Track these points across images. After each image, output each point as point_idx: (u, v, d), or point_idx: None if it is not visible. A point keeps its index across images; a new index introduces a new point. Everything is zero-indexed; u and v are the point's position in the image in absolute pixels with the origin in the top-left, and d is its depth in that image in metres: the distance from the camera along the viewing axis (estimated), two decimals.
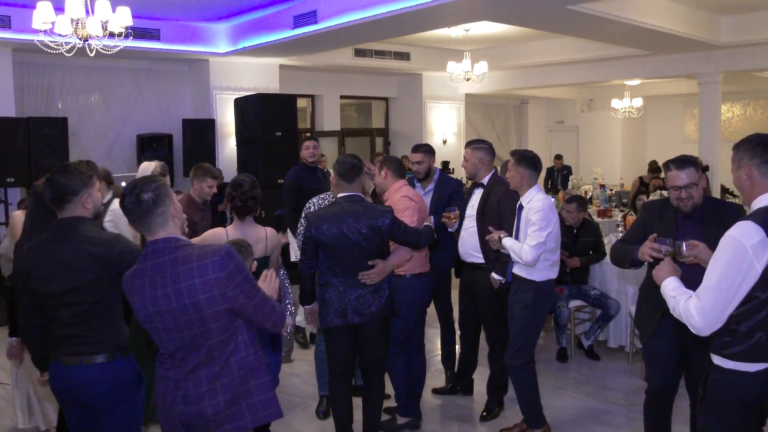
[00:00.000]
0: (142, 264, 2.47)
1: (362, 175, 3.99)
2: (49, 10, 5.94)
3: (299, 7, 8.38)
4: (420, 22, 8.01)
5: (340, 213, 3.79)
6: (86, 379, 2.79)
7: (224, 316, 2.44)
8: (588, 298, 5.96)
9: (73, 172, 2.85)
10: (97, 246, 2.78)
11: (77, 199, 2.84)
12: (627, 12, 7.90)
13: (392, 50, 11.58)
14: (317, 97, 12.66)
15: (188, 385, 2.46)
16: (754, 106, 15.55)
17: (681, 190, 3.38)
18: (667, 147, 14.60)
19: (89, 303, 2.78)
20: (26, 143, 8.16)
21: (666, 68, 11.46)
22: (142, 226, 2.47)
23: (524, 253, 4.02)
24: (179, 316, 2.40)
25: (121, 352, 2.85)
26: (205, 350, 2.45)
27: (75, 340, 2.80)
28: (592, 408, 4.93)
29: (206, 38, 9.63)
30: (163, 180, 2.54)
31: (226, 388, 2.47)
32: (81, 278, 2.76)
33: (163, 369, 2.54)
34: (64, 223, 2.84)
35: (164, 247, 2.45)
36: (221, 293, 2.40)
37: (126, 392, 2.85)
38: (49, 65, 9.04)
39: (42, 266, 2.81)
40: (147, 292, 2.42)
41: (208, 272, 2.39)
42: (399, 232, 3.91)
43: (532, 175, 4.20)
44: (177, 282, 2.39)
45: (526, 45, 11.75)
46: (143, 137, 9.61)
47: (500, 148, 15.95)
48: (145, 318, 2.46)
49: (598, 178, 12.11)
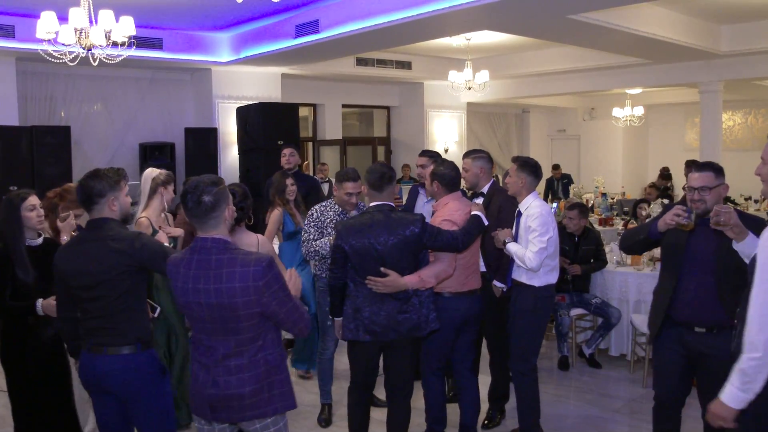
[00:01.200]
0: (190, 256, 2.69)
1: (393, 183, 3.87)
2: (53, 20, 5.98)
3: (301, 16, 8.42)
4: (421, 32, 8.04)
5: (369, 223, 3.69)
6: (109, 369, 2.99)
7: (256, 318, 2.67)
8: (589, 307, 5.96)
9: (101, 176, 3.07)
10: (119, 242, 2.97)
11: (104, 201, 3.04)
12: (628, 21, 7.93)
13: (394, 59, 11.62)
14: (319, 105, 12.70)
15: (218, 371, 2.69)
16: (755, 115, 15.55)
17: (695, 191, 3.41)
18: (669, 155, 14.64)
19: (113, 297, 2.97)
20: (29, 152, 8.20)
21: (667, 77, 11.48)
22: (197, 224, 2.70)
23: (528, 259, 4.04)
24: (215, 312, 2.64)
25: (143, 345, 3.04)
26: (234, 343, 2.68)
27: (101, 332, 3.00)
28: (593, 416, 4.93)
29: (209, 47, 9.68)
30: (224, 184, 2.73)
31: (251, 380, 2.69)
32: (105, 273, 2.94)
33: (197, 353, 2.77)
34: (92, 223, 3.07)
35: (213, 246, 2.67)
36: (257, 299, 2.63)
37: (147, 384, 3.04)
38: (52, 74, 9.09)
39: (72, 262, 3.02)
40: (189, 283, 2.66)
41: (248, 279, 2.61)
42: (432, 239, 3.72)
43: (532, 182, 4.22)
44: (219, 282, 2.61)
45: (528, 54, 11.79)
46: (146, 146, 9.65)
47: (502, 157, 15.97)
48: (184, 304, 2.71)
49: (599, 187, 12.11)
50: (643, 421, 4.76)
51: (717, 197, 3.40)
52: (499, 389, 4.81)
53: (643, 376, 5.55)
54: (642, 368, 5.62)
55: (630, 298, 5.91)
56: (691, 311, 3.50)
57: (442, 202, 4.15)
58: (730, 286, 3.35)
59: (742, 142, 15.41)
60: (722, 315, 3.40)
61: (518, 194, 4.24)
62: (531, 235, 4.07)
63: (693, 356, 3.52)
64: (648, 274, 5.77)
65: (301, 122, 10.85)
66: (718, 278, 3.38)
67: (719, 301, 3.39)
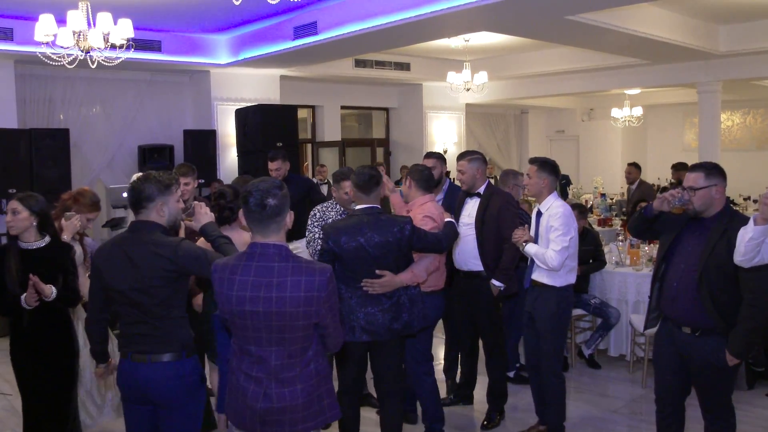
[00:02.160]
0: (247, 262, 2.59)
1: (380, 186, 3.91)
2: (51, 23, 5.98)
3: (299, 18, 8.43)
4: (420, 33, 8.05)
5: (358, 225, 3.71)
6: (153, 377, 2.92)
7: (311, 328, 2.62)
8: (588, 307, 5.96)
9: (152, 180, 2.98)
10: (161, 248, 2.89)
11: (152, 205, 2.96)
12: (626, 22, 7.93)
13: (392, 61, 11.63)
14: (318, 107, 12.71)
15: (271, 384, 2.60)
16: (754, 115, 15.55)
17: (685, 191, 3.46)
18: (668, 156, 14.61)
19: (154, 303, 2.90)
20: (28, 155, 8.20)
21: (665, 77, 11.48)
22: (257, 228, 2.61)
23: (549, 258, 4.05)
24: (272, 321, 2.55)
25: (187, 353, 2.98)
26: (287, 353, 2.60)
27: (143, 339, 2.93)
28: (592, 416, 4.93)
29: (207, 49, 9.68)
30: (286, 189, 2.66)
31: (304, 392, 2.63)
32: (146, 278, 2.88)
33: (243, 364, 2.66)
34: (137, 225, 2.99)
35: (275, 253, 2.59)
36: (317, 309, 2.58)
37: (190, 392, 2.98)
38: (50, 77, 9.08)
39: (111, 263, 2.95)
40: (247, 291, 2.56)
41: (313, 289, 2.55)
42: (420, 240, 3.82)
43: (553, 182, 4.26)
44: (283, 290, 2.54)
45: (526, 55, 11.80)
46: (144, 148, 9.64)
47: (501, 157, 15.99)
48: (234, 313, 2.59)
49: (598, 188, 12.12)
50: (642, 422, 4.77)
51: (706, 198, 3.41)
52: (496, 389, 4.81)
53: (642, 377, 5.55)
54: (641, 369, 5.62)
55: (629, 299, 5.92)
56: (675, 307, 3.54)
57: (419, 202, 4.26)
58: (712, 289, 3.37)
59: (741, 142, 15.41)
60: (703, 316, 3.41)
61: (539, 195, 4.27)
62: (553, 234, 4.09)
63: (684, 355, 3.55)
64: (647, 274, 5.77)
65: (299, 124, 10.84)
66: (700, 277, 3.40)
67: (700, 301, 3.40)
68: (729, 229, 3.31)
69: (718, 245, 3.34)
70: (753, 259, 3.11)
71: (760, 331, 3.40)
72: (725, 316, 3.36)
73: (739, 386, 5.32)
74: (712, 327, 3.40)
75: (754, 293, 3.29)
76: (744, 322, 3.32)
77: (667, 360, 3.64)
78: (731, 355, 3.36)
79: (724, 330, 3.37)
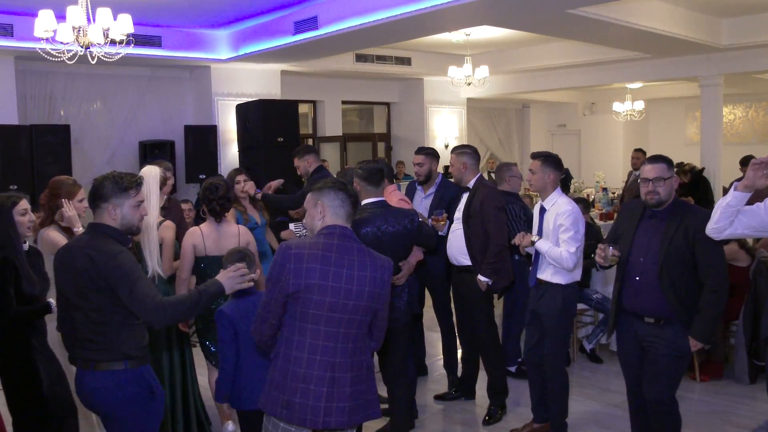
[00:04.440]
0: (328, 241, 2.68)
1: (385, 179, 4.04)
2: (50, 19, 5.96)
3: (300, 13, 8.40)
4: (421, 28, 8.02)
5: (372, 217, 3.80)
6: (94, 386, 2.82)
7: (370, 315, 2.74)
8: (590, 302, 5.95)
9: (109, 179, 2.88)
10: (99, 255, 2.76)
11: (105, 205, 2.86)
12: (627, 15, 7.91)
13: (393, 55, 11.60)
14: (319, 102, 12.69)
15: (335, 369, 2.64)
16: (756, 108, 15.51)
17: (649, 182, 3.51)
18: (670, 150, 14.50)
19: (92, 308, 2.79)
20: (29, 151, 8.19)
21: (667, 71, 11.44)
22: (345, 217, 2.77)
23: (564, 259, 4.05)
24: (350, 299, 2.64)
25: (130, 362, 2.83)
26: (350, 338, 2.68)
27: (87, 345, 2.83)
28: (594, 411, 4.93)
29: (207, 45, 9.66)
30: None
31: (355, 381, 2.68)
32: (82, 283, 2.78)
33: (306, 350, 2.64)
34: (91, 225, 2.92)
35: (352, 236, 2.75)
36: (382, 294, 2.74)
37: (130, 404, 2.82)
38: (51, 73, 9.07)
39: (62, 265, 2.89)
40: (330, 266, 2.63)
41: (385, 272, 2.75)
42: (421, 234, 4.01)
43: (558, 178, 4.25)
44: (363, 269, 2.67)
45: (527, 49, 11.76)
46: (145, 144, 9.64)
47: (502, 152, 15.97)
48: (311, 287, 2.60)
49: (600, 182, 12.10)
50: None
51: (669, 189, 3.50)
52: (496, 385, 4.81)
53: None
54: None
55: None
56: (638, 300, 3.61)
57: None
58: (673, 279, 3.46)
59: (743, 136, 15.37)
60: (666, 306, 3.50)
61: (543, 190, 4.25)
62: (565, 235, 4.07)
63: (644, 345, 3.62)
64: None
65: (300, 119, 10.83)
66: (661, 269, 3.48)
67: (662, 292, 3.49)
68: (685, 219, 3.44)
69: (676, 236, 3.44)
70: (725, 230, 3.17)
71: (720, 316, 3.52)
72: (686, 305, 3.47)
73: (741, 380, 5.33)
74: (675, 316, 3.49)
75: (715, 279, 3.40)
76: (709, 308, 3.43)
77: (632, 353, 3.72)
78: (696, 341, 3.46)
79: (686, 319, 3.47)
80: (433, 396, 5.21)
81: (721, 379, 5.49)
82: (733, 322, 5.54)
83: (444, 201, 5.00)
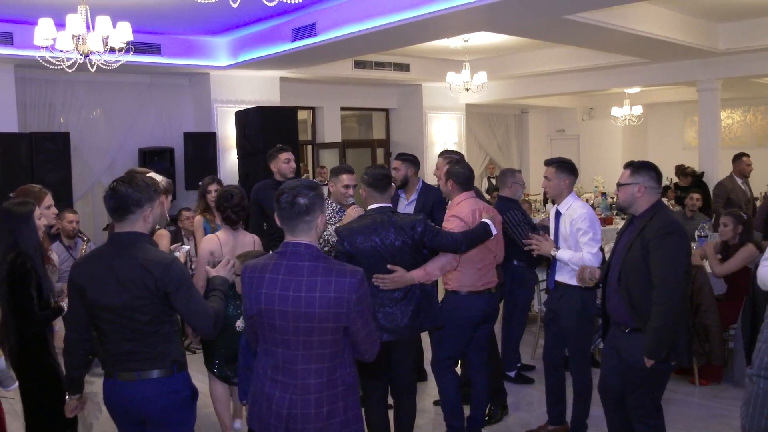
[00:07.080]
0: (278, 261, 2.56)
1: (391, 185, 3.92)
2: (50, 27, 5.99)
3: (298, 20, 8.43)
4: (419, 34, 8.05)
5: (372, 225, 3.68)
6: (144, 395, 2.79)
7: (340, 333, 2.55)
8: None
9: (138, 182, 2.77)
10: (152, 265, 2.72)
11: (141, 211, 2.77)
12: (624, 21, 7.93)
13: (392, 61, 11.62)
14: (318, 109, 12.71)
15: (297, 390, 2.53)
16: (754, 112, 15.55)
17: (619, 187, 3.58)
18: (668, 154, 14.61)
19: (145, 321, 2.75)
20: (29, 159, 8.21)
21: (665, 76, 11.48)
22: (288, 226, 2.58)
23: (588, 262, 4.06)
24: (300, 322, 2.49)
25: (178, 367, 2.86)
26: (314, 358, 2.53)
27: (132, 356, 2.78)
28: (592, 414, 4.90)
29: (206, 52, 9.69)
30: (321, 191, 2.63)
31: (329, 400, 2.55)
32: (135, 296, 2.71)
33: (269, 370, 2.59)
34: (121, 237, 2.78)
35: (306, 252, 2.55)
36: (347, 312, 2.51)
37: (181, 407, 2.87)
38: (50, 81, 9.10)
39: (96, 280, 2.75)
40: (276, 289, 2.51)
41: (344, 290, 2.50)
42: (432, 239, 3.76)
43: (573, 182, 4.28)
44: (312, 290, 2.49)
45: (525, 54, 11.79)
46: (145, 151, 9.66)
47: (501, 157, 15.98)
48: (264, 311, 2.53)
49: (599, 187, 12.11)
50: None
51: (627, 195, 3.49)
52: (494, 385, 4.80)
53: None
54: None
55: None
56: (609, 305, 3.62)
57: (455, 201, 4.23)
58: (628, 287, 3.42)
59: (741, 140, 15.40)
60: (626, 314, 3.45)
61: (559, 196, 4.28)
62: (585, 237, 4.11)
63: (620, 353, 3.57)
64: None
65: (299, 125, 10.85)
66: (619, 276, 3.48)
67: (621, 299, 3.47)
68: (646, 227, 3.38)
69: (635, 244, 3.41)
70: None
71: (670, 331, 3.31)
72: (641, 314, 3.38)
73: (741, 384, 5.32)
74: (637, 326, 3.42)
75: (658, 290, 3.30)
76: (651, 321, 3.32)
77: (608, 358, 3.70)
78: (644, 356, 3.35)
79: (644, 328, 3.38)
80: (432, 401, 5.20)
81: (721, 383, 5.50)
82: (731, 326, 5.55)
83: (427, 207, 5.03)
